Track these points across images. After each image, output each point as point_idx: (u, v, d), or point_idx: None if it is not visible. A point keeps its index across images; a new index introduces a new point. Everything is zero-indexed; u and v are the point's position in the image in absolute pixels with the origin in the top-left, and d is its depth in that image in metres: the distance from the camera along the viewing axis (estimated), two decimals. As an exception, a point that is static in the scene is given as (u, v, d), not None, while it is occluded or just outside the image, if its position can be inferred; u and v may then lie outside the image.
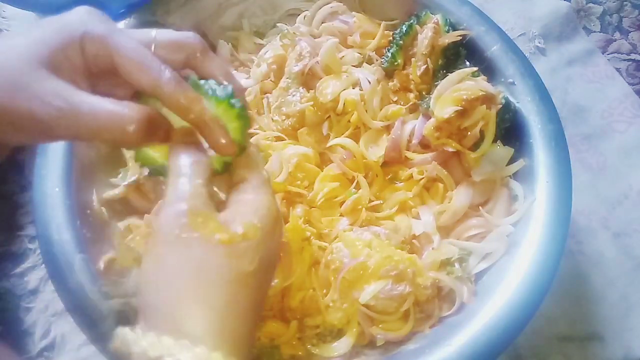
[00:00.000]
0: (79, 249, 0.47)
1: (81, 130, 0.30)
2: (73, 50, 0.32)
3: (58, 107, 0.30)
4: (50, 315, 0.56)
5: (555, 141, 0.50)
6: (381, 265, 0.45)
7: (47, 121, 0.30)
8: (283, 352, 0.46)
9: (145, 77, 0.32)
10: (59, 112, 0.30)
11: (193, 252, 0.29)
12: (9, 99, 0.30)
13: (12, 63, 0.30)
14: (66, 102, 0.30)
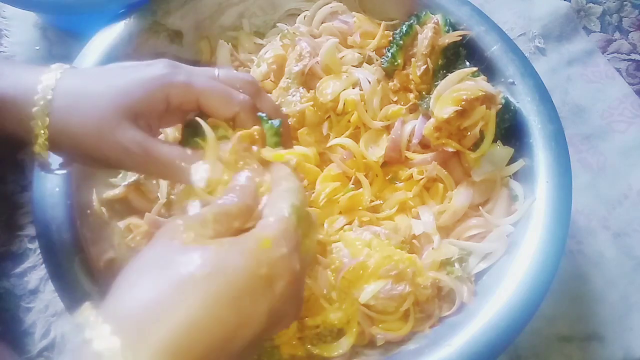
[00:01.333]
0: (79, 249, 0.47)
1: (152, 174, 0.41)
2: (157, 101, 0.37)
3: (136, 154, 0.36)
4: (50, 315, 0.56)
5: (555, 141, 0.50)
6: (381, 265, 0.45)
7: (125, 164, 0.37)
8: (283, 352, 0.46)
9: (228, 110, 0.38)
10: (137, 158, 0.36)
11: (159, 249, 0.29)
12: (95, 145, 0.36)
13: (99, 112, 0.36)
14: (143, 150, 0.36)
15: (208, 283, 0.26)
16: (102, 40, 0.54)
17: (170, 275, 0.27)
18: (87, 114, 0.36)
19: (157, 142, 0.37)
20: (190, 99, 0.38)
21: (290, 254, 0.30)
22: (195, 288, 0.26)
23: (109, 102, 0.36)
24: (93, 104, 0.36)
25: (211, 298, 0.26)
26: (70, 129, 0.36)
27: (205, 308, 0.26)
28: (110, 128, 0.36)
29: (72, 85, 0.37)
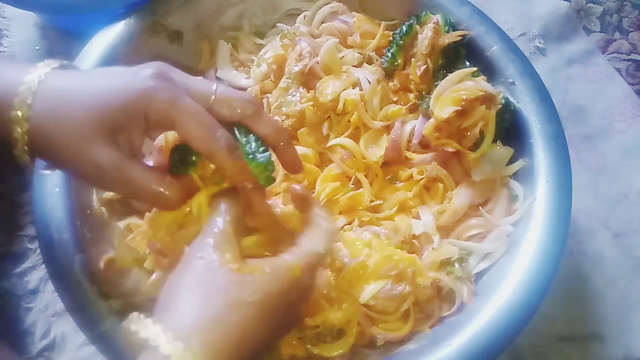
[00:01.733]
0: (79, 249, 0.47)
1: (130, 195, 0.40)
2: (135, 117, 0.36)
3: (110, 175, 0.35)
4: (50, 315, 0.56)
5: (555, 141, 0.50)
6: (381, 265, 0.45)
7: (100, 183, 0.37)
8: (283, 352, 0.46)
9: (203, 145, 0.36)
10: (111, 179, 0.36)
11: (207, 270, 0.33)
12: (72, 159, 0.35)
13: (77, 127, 0.35)
14: (118, 172, 0.35)
15: (257, 307, 0.32)
16: (102, 40, 0.54)
17: (226, 297, 0.32)
18: (66, 125, 0.35)
19: (133, 164, 0.36)
20: (167, 122, 0.36)
21: (312, 285, 0.37)
22: (249, 311, 0.32)
23: (87, 116, 0.35)
24: (72, 115, 0.35)
25: (259, 316, 0.32)
26: (49, 139, 0.35)
27: (255, 326, 0.32)
28: (87, 144, 0.35)
29: (54, 91, 0.35)
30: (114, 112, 0.35)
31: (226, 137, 0.36)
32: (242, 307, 0.32)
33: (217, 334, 0.31)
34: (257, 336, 0.33)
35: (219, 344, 0.31)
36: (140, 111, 0.35)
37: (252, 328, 0.32)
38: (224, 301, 0.32)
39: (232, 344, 0.31)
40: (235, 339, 0.31)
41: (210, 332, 0.31)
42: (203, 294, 0.32)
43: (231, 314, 0.32)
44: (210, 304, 0.32)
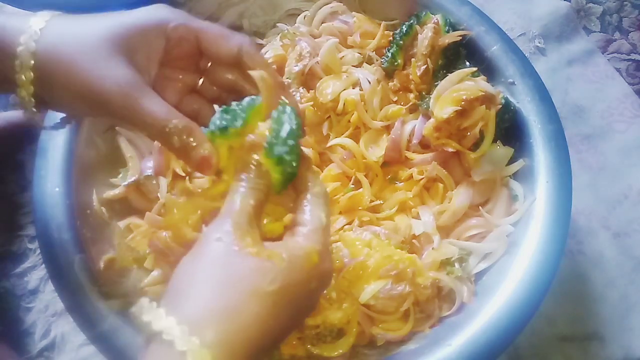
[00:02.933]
0: (79, 249, 0.47)
1: (134, 121, 0.34)
2: (156, 36, 0.36)
3: (125, 93, 0.33)
4: (50, 315, 0.56)
5: (555, 141, 0.50)
6: (381, 265, 0.45)
7: (111, 100, 0.33)
8: (283, 352, 0.46)
9: (232, 42, 0.36)
10: (125, 96, 0.33)
11: (224, 254, 0.31)
12: (86, 75, 0.33)
13: (93, 41, 0.34)
14: (133, 90, 0.33)
15: (276, 297, 0.30)
16: (102, 40, 0.54)
17: (243, 286, 0.30)
18: (80, 43, 0.34)
19: (149, 89, 0.34)
20: (189, 36, 0.36)
21: (330, 267, 0.34)
22: (268, 301, 0.30)
23: (103, 32, 0.34)
24: (87, 33, 0.34)
25: (276, 306, 0.30)
26: (59, 62, 0.33)
27: (274, 317, 0.30)
28: (103, 59, 0.33)
29: (62, 22, 0.35)
30: (132, 29, 0.35)
31: (246, 37, 0.37)
32: (261, 297, 0.30)
33: (233, 326, 0.29)
34: (276, 328, 0.31)
35: (235, 337, 0.29)
36: (159, 29, 0.36)
37: (270, 319, 0.30)
38: (242, 290, 0.30)
39: (250, 337, 0.29)
40: (253, 332, 0.29)
41: (226, 324, 0.29)
42: (219, 281, 0.30)
43: (249, 304, 0.29)
44: (226, 293, 0.30)
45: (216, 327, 0.28)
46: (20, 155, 0.62)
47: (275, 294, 0.30)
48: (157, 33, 0.36)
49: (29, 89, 0.34)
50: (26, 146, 0.62)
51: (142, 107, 0.34)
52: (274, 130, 0.33)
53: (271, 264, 0.31)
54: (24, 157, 0.62)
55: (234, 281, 0.30)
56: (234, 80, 0.39)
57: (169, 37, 0.36)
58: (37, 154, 0.50)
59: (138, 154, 0.54)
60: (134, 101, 0.34)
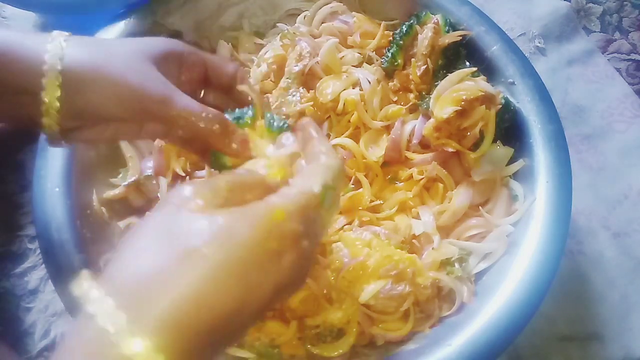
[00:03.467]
0: (79, 249, 0.47)
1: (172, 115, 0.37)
2: (173, 60, 0.40)
3: (162, 91, 0.37)
4: (50, 315, 0.56)
5: (555, 141, 0.50)
6: (381, 264, 0.45)
7: (149, 96, 0.36)
8: (283, 352, 0.46)
9: (230, 66, 0.43)
10: (162, 92, 0.37)
11: (168, 213, 0.27)
12: (121, 75, 0.36)
13: (122, 50, 0.37)
14: (168, 90, 0.37)
15: (214, 254, 0.25)
16: (102, 40, 0.54)
17: (175, 244, 0.26)
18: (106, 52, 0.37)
19: (179, 90, 0.38)
20: (199, 63, 0.42)
21: (304, 232, 0.28)
22: (201, 259, 0.25)
23: (135, 48, 0.38)
24: (122, 48, 0.37)
25: (217, 270, 0.25)
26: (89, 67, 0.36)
27: (211, 280, 0.25)
28: (140, 65, 0.37)
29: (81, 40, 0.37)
30: (154, 50, 0.39)
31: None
32: (193, 260, 0.25)
33: (166, 298, 0.24)
34: (226, 300, 0.25)
35: (170, 311, 0.24)
36: (176, 55, 0.40)
37: (214, 288, 0.25)
38: (171, 251, 0.25)
39: (190, 310, 0.24)
40: (191, 303, 0.24)
41: (158, 295, 0.24)
42: (152, 243, 0.26)
43: (179, 268, 0.25)
44: (160, 258, 0.25)
45: (146, 299, 0.24)
46: (20, 155, 0.62)
47: (212, 250, 0.25)
48: (174, 58, 0.40)
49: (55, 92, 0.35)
50: (26, 146, 0.62)
51: (180, 101, 0.37)
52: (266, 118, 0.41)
53: (210, 218, 0.26)
54: (24, 157, 0.62)
55: (166, 241, 0.26)
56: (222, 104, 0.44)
57: (182, 62, 0.41)
58: (37, 154, 0.50)
59: (138, 154, 0.54)
60: (171, 97, 0.37)
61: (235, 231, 0.26)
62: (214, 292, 0.25)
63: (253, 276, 0.26)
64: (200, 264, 0.25)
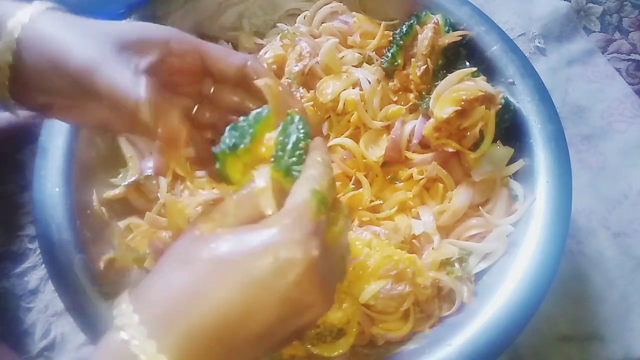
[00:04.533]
0: (79, 249, 0.47)
1: (95, 92, 0.32)
2: (153, 49, 0.34)
3: (87, 58, 0.32)
4: (50, 315, 0.56)
5: (555, 141, 0.50)
6: (381, 264, 0.45)
7: (72, 67, 0.32)
8: (283, 352, 0.46)
9: (236, 58, 0.36)
10: (85, 63, 0.32)
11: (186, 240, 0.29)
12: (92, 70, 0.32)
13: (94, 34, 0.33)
14: (98, 58, 0.32)
15: (217, 273, 0.27)
16: (102, 40, 0.54)
17: (187, 266, 0.28)
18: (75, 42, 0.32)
19: (115, 64, 0.32)
20: (193, 53, 0.36)
21: (304, 240, 0.27)
22: (207, 278, 0.27)
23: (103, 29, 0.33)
24: (83, 32, 0.33)
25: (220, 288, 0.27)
26: (53, 35, 0.32)
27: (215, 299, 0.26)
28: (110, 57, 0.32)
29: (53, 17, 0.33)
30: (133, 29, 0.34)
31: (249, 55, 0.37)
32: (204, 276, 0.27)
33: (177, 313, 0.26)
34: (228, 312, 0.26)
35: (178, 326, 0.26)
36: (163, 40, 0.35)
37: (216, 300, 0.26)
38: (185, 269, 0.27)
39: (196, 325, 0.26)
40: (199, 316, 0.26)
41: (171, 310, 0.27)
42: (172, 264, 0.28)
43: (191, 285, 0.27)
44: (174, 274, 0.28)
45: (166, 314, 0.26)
46: (20, 155, 0.62)
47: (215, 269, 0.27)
48: (154, 47, 0.34)
49: (6, 72, 0.33)
50: (26, 146, 0.62)
51: (105, 72, 0.32)
52: (279, 143, 0.32)
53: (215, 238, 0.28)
54: (24, 157, 0.62)
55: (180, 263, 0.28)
56: (238, 101, 0.38)
57: (171, 52, 0.35)
58: (37, 154, 0.50)
59: (138, 154, 0.54)
60: (96, 66, 0.31)
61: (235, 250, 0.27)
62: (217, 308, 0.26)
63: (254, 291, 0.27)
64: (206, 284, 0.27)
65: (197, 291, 0.27)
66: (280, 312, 0.27)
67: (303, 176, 0.31)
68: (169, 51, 0.35)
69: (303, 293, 0.27)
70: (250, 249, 0.27)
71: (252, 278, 0.27)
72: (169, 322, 0.26)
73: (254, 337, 0.27)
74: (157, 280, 0.28)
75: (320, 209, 0.29)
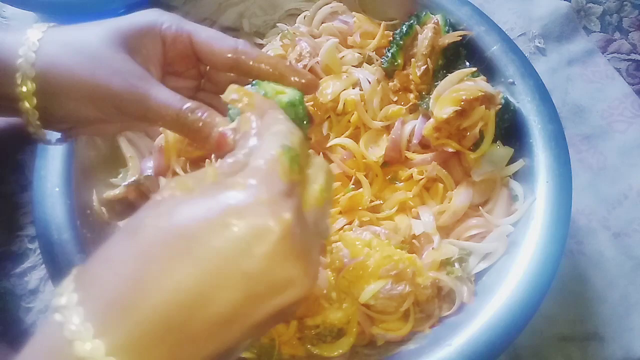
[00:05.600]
0: (79, 249, 0.47)
1: (146, 112, 0.33)
2: (152, 38, 0.35)
3: (133, 85, 0.33)
4: (50, 315, 0.56)
5: (555, 141, 0.50)
6: (381, 264, 0.45)
7: (121, 96, 0.33)
8: (283, 352, 0.46)
9: (224, 45, 0.36)
10: (133, 88, 0.33)
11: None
12: (90, 74, 0.33)
13: (93, 41, 0.33)
14: (143, 85, 0.33)
15: (167, 246, 0.22)
16: (102, 40, 0.54)
17: (135, 236, 0.23)
18: (79, 47, 0.33)
19: (154, 80, 0.34)
20: (183, 38, 0.36)
21: (274, 202, 0.23)
22: (155, 252, 0.23)
23: (102, 34, 0.34)
24: (87, 37, 0.34)
25: (171, 264, 0.22)
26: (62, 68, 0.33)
27: (164, 278, 0.22)
28: (107, 57, 0.33)
29: (59, 32, 0.35)
30: (128, 32, 0.35)
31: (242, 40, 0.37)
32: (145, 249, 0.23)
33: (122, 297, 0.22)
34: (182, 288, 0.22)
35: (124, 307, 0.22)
36: (154, 31, 0.35)
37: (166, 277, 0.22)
38: (129, 243, 0.23)
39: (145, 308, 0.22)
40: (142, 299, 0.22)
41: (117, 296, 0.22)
42: (118, 239, 0.24)
43: (131, 262, 0.23)
44: (112, 251, 0.24)
45: (124, 319, 0.22)
46: (20, 155, 0.62)
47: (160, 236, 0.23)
48: (153, 35, 0.36)
49: (32, 101, 0.33)
50: (26, 146, 0.62)
51: (153, 97, 0.33)
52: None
53: (169, 202, 0.24)
54: (24, 157, 0.62)
55: (128, 235, 0.24)
56: (235, 78, 0.38)
57: (163, 39, 0.36)
58: (37, 154, 0.50)
59: (138, 154, 0.54)
60: (144, 92, 0.33)
61: (192, 212, 0.23)
62: (167, 286, 0.22)
63: (214, 260, 0.22)
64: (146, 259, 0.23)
65: (142, 268, 0.22)
66: (247, 291, 0.23)
67: (268, 133, 0.27)
68: (163, 41, 0.36)
69: (276, 267, 0.23)
70: (208, 215, 0.23)
71: (209, 251, 0.22)
72: (110, 305, 0.22)
73: (219, 322, 0.23)
74: (101, 253, 0.24)
75: (292, 167, 0.26)
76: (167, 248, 0.23)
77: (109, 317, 0.22)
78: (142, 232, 0.23)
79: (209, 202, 0.23)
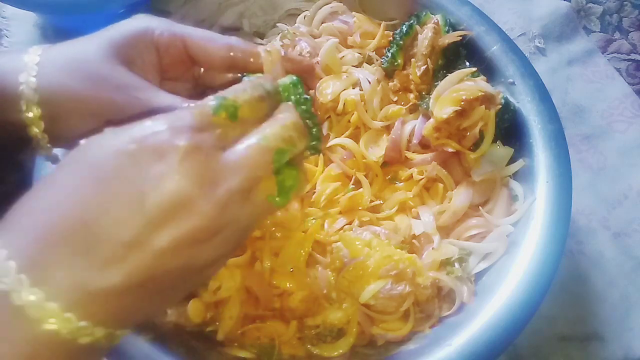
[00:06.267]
0: (79, 249, 0.46)
1: None
2: (145, 46, 0.36)
3: (135, 97, 0.33)
4: (50, 315, 0.56)
5: (555, 141, 0.50)
6: (381, 264, 0.45)
7: (125, 109, 0.33)
8: (283, 352, 0.46)
9: (218, 44, 0.36)
10: (136, 100, 0.33)
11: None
12: (93, 93, 0.33)
13: (91, 58, 0.34)
14: (142, 93, 0.33)
15: (75, 170, 0.25)
16: (102, 40, 0.54)
17: (55, 172, 0.26)
18: (78, 66, 0.34)
19: (154, 88, 0.35)
20: (176, 42, 0.36)
21: (175, 128, 0.25)
22: (63, 177, 0.26)
23: (97, 50, 0.34)
24: (84, 53, 0.34)
25: (74, 182, 0.25)
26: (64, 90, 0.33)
27: (68, 197, 0.25)
28: (107, 73, 0.33)
29: (55, 52, 0.35)
30: (121, 42, 0.35)
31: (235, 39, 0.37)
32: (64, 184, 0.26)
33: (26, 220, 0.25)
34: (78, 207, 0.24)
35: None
36: (146, 40, 0.35)
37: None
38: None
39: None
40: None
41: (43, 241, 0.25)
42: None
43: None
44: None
45: (25, 230, 0.25)
46: (20, 155, 0.62)
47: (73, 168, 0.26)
48: (146, 44, 0.36)
49: (40, 125, 0.34)
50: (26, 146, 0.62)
51: (156, 105, 0.33)
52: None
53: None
54: (24, 157, 0.62)
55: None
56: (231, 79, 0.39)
57: (157, 46, 0.36)
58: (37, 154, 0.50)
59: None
60: (147, 102, 0.33)
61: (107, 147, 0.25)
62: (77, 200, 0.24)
63: (107, 186, 0.24)
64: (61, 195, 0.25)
65: (48, 195, 0.26)
66: (143, 210, 0.24)
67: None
68: (157, 48, 0.36)
69: (167, 184, 0.24)
70: (114, 143, 0.25)
71: (110, 172, 0.24)
72: (16, 222, 0.25)
73: (122, 244, 0.24)
74: (19, 204, 0.27)
75: (216, 111, 0.26)
76: (75, 176, 0.25)
77: (13, 226, 0.26)
78: (58, 171, 0.26)
79: (119, 134, 0.25)
